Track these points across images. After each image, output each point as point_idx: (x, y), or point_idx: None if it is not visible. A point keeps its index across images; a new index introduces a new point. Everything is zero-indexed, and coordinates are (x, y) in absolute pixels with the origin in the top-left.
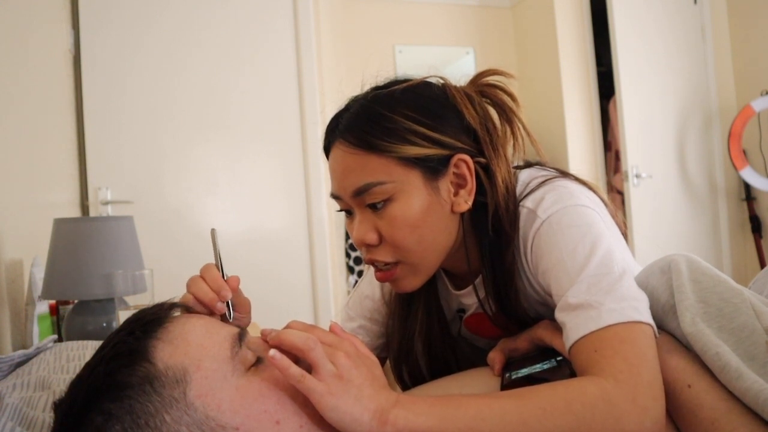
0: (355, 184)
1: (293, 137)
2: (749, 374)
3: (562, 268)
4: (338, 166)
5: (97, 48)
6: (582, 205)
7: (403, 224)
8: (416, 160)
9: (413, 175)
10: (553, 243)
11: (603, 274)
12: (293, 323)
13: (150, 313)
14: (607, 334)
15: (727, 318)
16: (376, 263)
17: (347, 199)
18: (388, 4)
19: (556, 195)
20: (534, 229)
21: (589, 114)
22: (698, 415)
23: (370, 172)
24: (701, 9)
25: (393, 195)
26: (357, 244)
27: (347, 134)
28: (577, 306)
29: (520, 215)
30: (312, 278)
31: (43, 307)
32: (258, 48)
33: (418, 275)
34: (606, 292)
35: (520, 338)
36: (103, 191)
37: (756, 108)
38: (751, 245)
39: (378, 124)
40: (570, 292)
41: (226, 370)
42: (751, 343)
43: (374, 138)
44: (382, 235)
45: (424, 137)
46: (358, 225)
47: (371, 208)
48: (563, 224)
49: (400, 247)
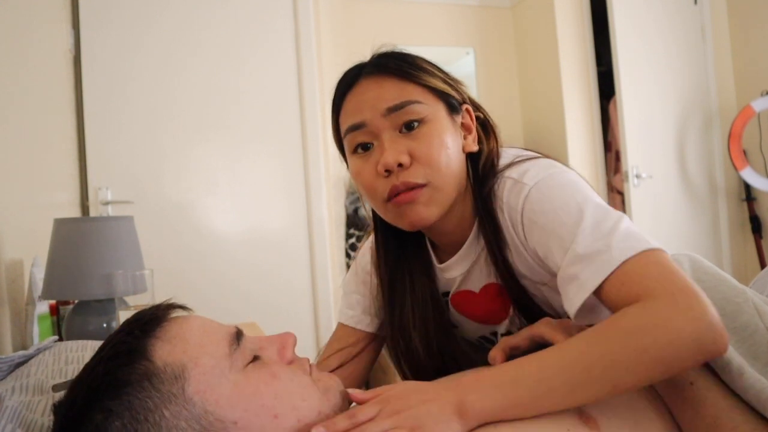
0: (393, 101)
1: (293, 137)
2: (751, 373)
3: (560, 225)
4: (370, 93)
5: (98, 48)
6: (566, 171)
7: (438, 144)
8: (442, 93)
9: (440, 106)
10: (547, 204)
11: (602, 219)
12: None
13: (148, 313)
14: (625, 269)
15: (730, 317)
16: (406, 186)
17: (377, 120)
18: (388, 4)
19: (540, 165)
20: (523, 197)
21: (589, 114)
22: (700, 411)
23: (408, 94)
24: (701, 9)
25: (426, 116)
26: (387, 167)
27: (381, 68)
28: (585, 255)
29: (504, 186)
30: (312, 278)
31: (43, 307)
32: (258, 48)
33: (437, 204)
34: (610, 235)
35: (520, 336)
36: (103, 191)
37: (756, 108)
38: (751, 246)
39: (409, 62)
40: (575, 243)
41: (223, 366)
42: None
43: (410, 69)
44: (415, 155)
45: (444, 80)
46: (389, 147)
47: (406, 128)
48: (552, 186)
49: (432, 165)
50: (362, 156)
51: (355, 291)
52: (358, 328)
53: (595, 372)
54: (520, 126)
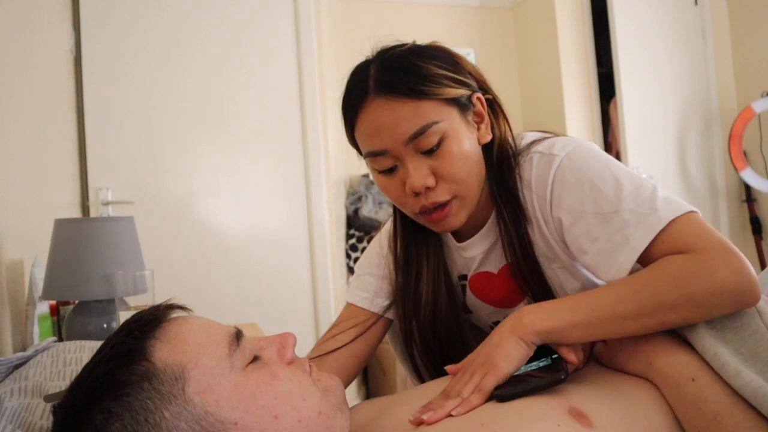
0: (412, 129)
1: (294, 137)
2: (747, 373)
3: (597, 192)
4: (385, 119)
5: (98, 48)
6: (591, 144)
7: (459, 157)
8: (453, 100)
9: (453, 114)
10: (580, 172)
11: (640, 185)
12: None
13: (148, 314)
14: (670, 229)
15: (731, 317)
16: (433, 204)
17: (399, 148)
18: (388, 5)
19: (566, 139)
20: (555, 167)
21: (590, 115)
22: (701, 408)
23: (424, 115)
24: (702, 10)
25: (445, 133)
26: (414, 191)
27: (387, 88)
28: (635, 219)
29: (533, 161)
30: (312, 278)
31: (43, 307)
32: (259, 48)
33: (466, 208)
34: (652, 199)
35: None
36: (103, 192)
37: (756, 109)
38: (751, 247)
39: (417, 74)
40: (621, 207)
41: (223, 367)
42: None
43: (420, 85)
44: (440, 174)
45: (454, 80)
46: (414, 171)
47: (427, 152)
48: (584, 156)
49: (457, 181)
50: (387, 175)
51: (368, 272)
52: (370, 309)
53: (646, 310)
54: (520, 127)
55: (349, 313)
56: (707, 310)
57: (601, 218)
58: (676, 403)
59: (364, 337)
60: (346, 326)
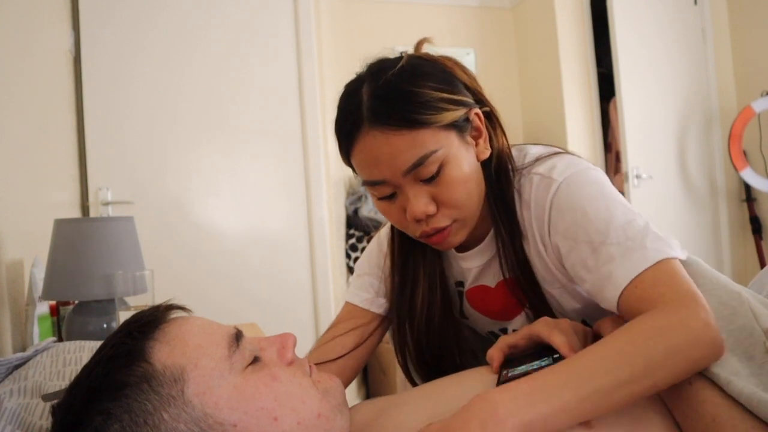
0: (410, 161)
1: (294, 137)
2: (737, 381)
3: (589, 222)
4: (381, 151)
5: (98, 49)
6: (593, 168)
7: (459, 183)
8: (451, 124)
9: (451, 137)
10: (576, 200)
11: (632, 220)
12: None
13: (147, 314)
14: (652, 272)
15: (726, 320)
16: (434, 230)
17: (398, 179)
18: (389, 5)
19: (567, 161)
20: (552, 192)
21: (590, 115)
22: (699, 411)
23: (422, 145)
24: (701, 10)
25: (444, 160)
26: (416, 218)
27: (381, 119)
28: (618, 254)
29: (532, 182)
30: (312, 278)
31: (43, 307)
32: (258, 48)
33: (466, 227)
34: (643, 235)
35: (518, 335)
36: (103, 192)
37: (756, 109)
38: (751, 246)
39: (412, 101)
40: (608, 240)
41: (223, 368)
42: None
43: (415, 114)
44: (440, 200)
45: (450, 101)
46: (414, 201)
47: (426, 180)
48: (581, 183)
49: (457, 206)
50: (387, 201)
51: (368, 273)
52: (370, 309)
53: (637, 369)
54: (520, 127)
55: (349, 312)
56: (692, 363)
57: (591, 248)
58: (675, 406)
59: (367, 341)
60: (346, 327)
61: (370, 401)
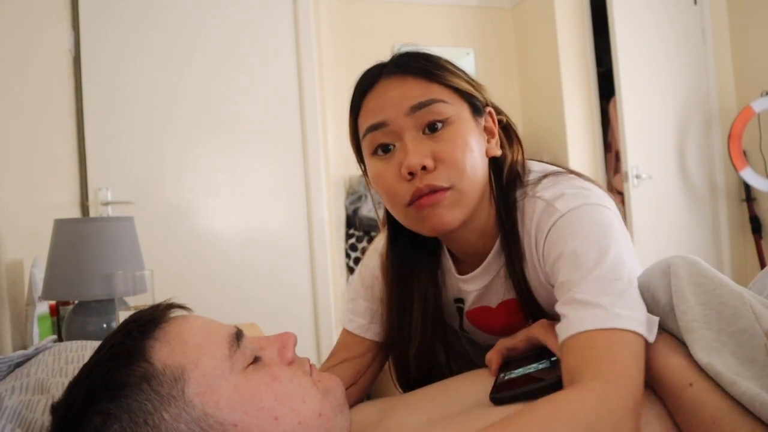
0: (417, 99)
1: (293, 138)
2: (742, 381)
3: (575, 263)
4: (393, 92)
5: (98, 49)
6: (603, 205)
7: (462, 145)
8: (466, 94)
9: (464, 107)
10: (570, 236)
11: (614, 279)
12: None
13: (147, 314)
14: (607, 334)
15: (727, 321)
16: (430, 189)
17: (400, 119)
18: (388, 5)
19: (576, 191)
20: (552, 221)
21: (589, 115)
22: (699, 414)
23: (432, 92)
24: (701, 9)
25: (451, 117)
26: (411, 169)
27: (404, 67)
28: (583, 302)
29: (536, 206)
30: (312, 278)
31: (43, 307)
32: (258, 48)
33: (461, 207)
34: (617, 297)
35: (517, 338)
36: (103, 192)
37: (756, 109)
38: (751, 246)
39: (432, 61)
40: (580, 288)
41: (224, 368)
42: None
43: (434, 69)
44: (440, 157)
45: (468, 81)
46: (413, 149)
47: (429, 129)
48: (583, 220)
49: (457, 167)
50: (383, 158)
51: (362, 297)
52: (366, 337)
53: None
54: (520, 127)
55: (349, 340)
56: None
57: (568, 287)
58: (675, 409)
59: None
60: (343, 357)
61: (371, 402)
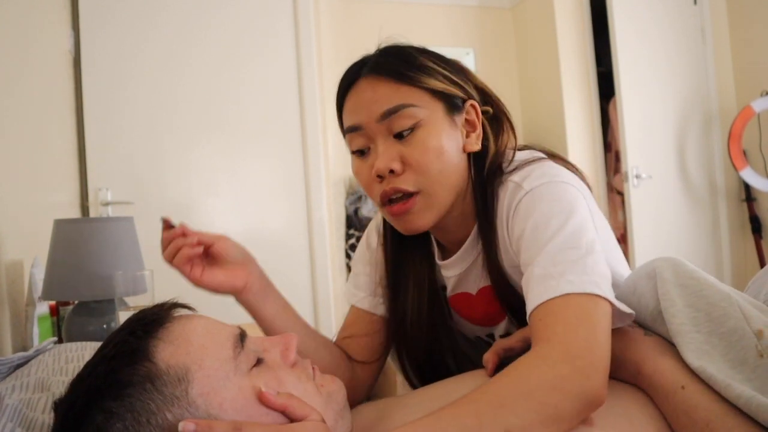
0: (386, 105)
1: (293, 138)
2: (736, 384)
3: (534, 237)
4: (366, 95)
5: (98, 49)
6: (565, 182)
7: (431, 149)
8: (441, 93)
9: (438, 107)
10: (531, 211)
11: (570, 247)
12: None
13: (151, 313)
14: (558, 302)
15: (717, 322)
16: (396, 193)
17: (372, 125)
18: (388, 5)
19: (543, 171)
20: (517, 199)
21: (589, 115)
22: (692, 416)
23: (402, 97)
24: (701, 9)
25: (421, 121)
26: (378, 173)
27: (378, 69)
28: (540, 276)
29: (507, 189)
30: (312, 278)
31: (43, 308)
32: (258, 48)
33: (432, 210)
34: (569, 264)
35: (514, 338)
36: (103, 192)
37: (756, 108)
38: (751, 246)
39: (409, 62)
40: (536, 261)
41: (228, 369)
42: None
43: (406, 71)
44: (408, 161)
45: (446, 78)
46: (382, 153)
47: (397, 137)
48: (545, 197)
49: (425, 172)
50: (360, 158)
51: (363, 272)
52: (376, 313)
53: (486, 419)
54: (520, 127)
55: (359, 316)
56: (552, 415)
57: (527, 262)
58: (668, 411)
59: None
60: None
61: (371, 403)
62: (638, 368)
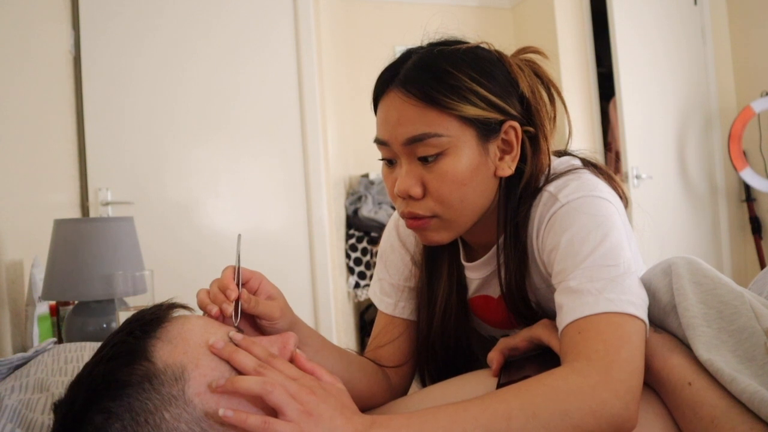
0: (411, 132)
1: (293, 138)
2: (742, 378)
3: (570, 252)
4: (394, 112)
5: (98, 49)
6: (603, 198)
7: (452, 180)
8: (474, 120)
9: (468, 134)
10: (567, 225)
11: (608, 265)
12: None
13: (149, 313)
14: (596, 319)
15: (727, 320)
16: (411, 215)
17: (397, 146)
18: (388, 5)
19: (580, 183)
20: (552, 211)
21: (590, 115)
22: (698, 412)
23: (428, 124)
24: (701, 10)
25: (446, 150)
26: (399, 194)
27: (409, 85)
28: (576, 290)
29: (541, 198)
30: (312, 278)
31: (43, 308)
32: (258, 48)
33: (450, 231)
34: (608, 282)
35: (519, 337)
36: (103, 192)
37: (756, 109)
38: (751, 246)
39: (442, 81)
40: (573, 275)
41: (224, 368)
42: (750, 344)
43: (437, 93)
44: (428, 188)
45: (484, 99)
46: (404, 176)
47: (421, 161)
48: (581, 211)
49: (443, 202)
50: (388, 167)
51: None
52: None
53: (515, 423)
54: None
55: (386, 323)
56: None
57: (562, 277)
58: (674, 407)
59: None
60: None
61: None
62: (647, 364)
